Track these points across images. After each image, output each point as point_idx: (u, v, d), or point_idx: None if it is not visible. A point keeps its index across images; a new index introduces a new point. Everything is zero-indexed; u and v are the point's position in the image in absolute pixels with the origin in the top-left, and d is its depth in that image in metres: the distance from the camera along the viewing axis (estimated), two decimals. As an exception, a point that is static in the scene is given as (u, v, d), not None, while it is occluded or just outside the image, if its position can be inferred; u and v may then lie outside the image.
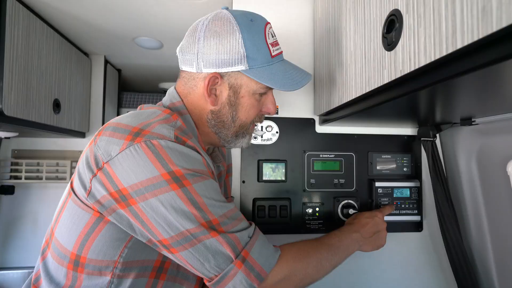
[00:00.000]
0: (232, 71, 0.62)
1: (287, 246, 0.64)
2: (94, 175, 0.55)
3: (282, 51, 0.68)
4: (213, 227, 0.54)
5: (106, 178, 0.54)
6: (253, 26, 0.62)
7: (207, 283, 0.56)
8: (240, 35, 0.60)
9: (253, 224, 0.61)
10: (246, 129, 0.69)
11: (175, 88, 0.69)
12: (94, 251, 0.56)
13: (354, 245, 0.74)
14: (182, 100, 0.67)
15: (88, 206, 0.56)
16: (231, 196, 0.90)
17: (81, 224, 0.57)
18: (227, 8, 0.64)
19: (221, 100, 0.65)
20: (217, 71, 0.62)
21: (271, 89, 0.68)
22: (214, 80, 0.63)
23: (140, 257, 0.58)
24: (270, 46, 0.64)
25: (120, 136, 0.54)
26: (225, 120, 0.66)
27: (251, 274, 0.54)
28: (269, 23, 0.66)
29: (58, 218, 0.61)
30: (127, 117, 0.59)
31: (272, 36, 0.65)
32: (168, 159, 0.53)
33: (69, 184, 0.61)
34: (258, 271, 0.55)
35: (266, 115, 0.74)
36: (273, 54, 0.64)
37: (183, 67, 0.66)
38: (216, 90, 0.64)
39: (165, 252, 0.56)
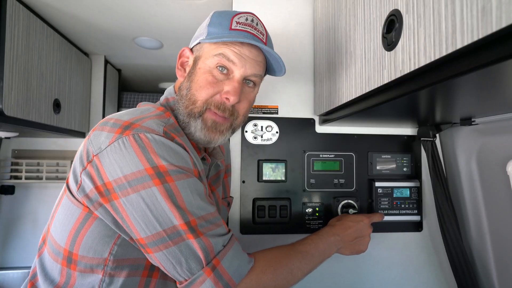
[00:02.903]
0: (196, 44, 0.66)
1: (260, 255, 0.62)
2: (84, 168, 0.55)
3: (254, 34, 0.63)
4: (191, 228, 0.53)
5: (94, 171, 0.54)
6: (227, 11, 0.65)
7: (178, 286, 0.55)
8: (211, 15, 0.65)
9: (231, 232, 0.60)
10: (198, 110, 0.62)
11: (174, 86, 0.70)
12: (85, 247, 0.56)
13: (331, 249, 0.72)
14: (176, 96, 0.67)
15: (78, 201, 0.56)
16: (231, 196, 0.90)
17: (72, 219, 0.57)
18: None
19: (187, 73, 0.67)
20: (188, 47, 0.68)
21: (237, 77, 0.63)
22: (184, 53, 0.67)
23: (131, 255, 0.58)
24: (234, 22, 0.62)
25: (111, 130, 0.55)
26: (183, 95, 0.64)
27: (219, 283, 0.53)
28: (254, 14, 0.66)
29: (54, 215, 0.61)
30: (122, 113, 0.60)
31: (247, 20, 0.63)
32: (153, 152, 0.53)
33: (65, 181, 0.61)
34: (227, 281, 0.54)
35: (266, 115, 0.73)
36: (232, 27, 0.62)
37: None
38: (187, 65, 0.68)
39: (143, 252, 0.55)
